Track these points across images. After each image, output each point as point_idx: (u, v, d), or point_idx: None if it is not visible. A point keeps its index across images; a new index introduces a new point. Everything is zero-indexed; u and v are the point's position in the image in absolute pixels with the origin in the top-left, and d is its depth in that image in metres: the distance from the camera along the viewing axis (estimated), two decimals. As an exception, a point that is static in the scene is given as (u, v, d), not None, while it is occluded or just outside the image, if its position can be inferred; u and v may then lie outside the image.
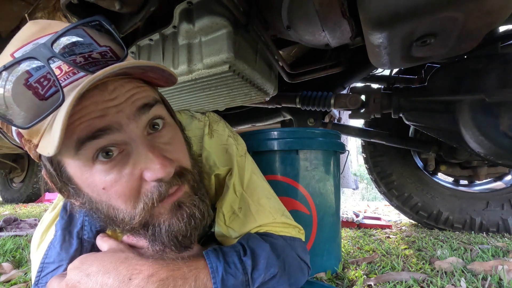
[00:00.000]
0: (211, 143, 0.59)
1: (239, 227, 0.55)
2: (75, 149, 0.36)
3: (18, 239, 1.45)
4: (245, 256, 0.46)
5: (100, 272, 0.40)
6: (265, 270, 0.46)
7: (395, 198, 1.66)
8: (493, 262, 0.87)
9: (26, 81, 0.33)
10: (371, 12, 0.66)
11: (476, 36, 0.76)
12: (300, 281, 0.54)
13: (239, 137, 0.64)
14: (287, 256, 0.52)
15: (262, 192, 0.60)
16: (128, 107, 0.37)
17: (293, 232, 0.59)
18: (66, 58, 0.34)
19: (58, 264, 0.47)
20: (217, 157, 0.58)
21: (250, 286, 0.45)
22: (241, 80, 0.93)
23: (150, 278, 0.40)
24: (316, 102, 1.35)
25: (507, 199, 1.46)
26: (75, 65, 0.34)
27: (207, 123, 0.60)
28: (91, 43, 0.36)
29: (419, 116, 1.24)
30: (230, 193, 0.56)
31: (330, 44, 0.95)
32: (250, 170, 0.61)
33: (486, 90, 1.02)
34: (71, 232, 0.49)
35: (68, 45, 0.35)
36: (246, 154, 0.62)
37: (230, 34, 0.82)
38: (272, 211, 0.58)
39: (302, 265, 0.56)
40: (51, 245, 0.49)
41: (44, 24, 0.38)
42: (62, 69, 0.35)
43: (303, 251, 0.57)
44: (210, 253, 0.46)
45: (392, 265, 0.96)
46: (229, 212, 0.56)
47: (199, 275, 0.43)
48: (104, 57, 0.37)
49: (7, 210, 2.96)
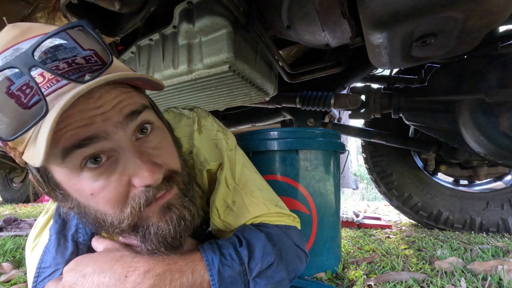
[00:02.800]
0: (201, 139, 0.59)
1: (233, 220, 0.55)
2: (62, 158, 0.35)
3: (18, 239, 1.45)
4: (240, 247, 0.47)
5: (95, 272, 0.40)
6: (262, 259, 0.46)
7: (395, 198, 1.66)
8: (493, 262, 0.87)
9: (8, 89, 0.32)
10: (371, 12, 0.66)
11: (476, 36, 0.76)
12: (298, 268, 0.55)
13: (228, 131, 0.64)
14: (283, 244, 0.52)
15: (254, 184, 0.60)
16: (115, 115, 0.36)
17: (287, 220, 0.59)
18: (48, 64, 0.33)
19: (55, 268, 0.47)
20: (207, 153, 0.58)
21: (248, 276, 0.45)
22: (241, 80, 0.93)
23: (147, 274, 0.40)
24: (316, 102, 1.35)
25: (507, 199, 1.46)
26: (57, 73, 0.33)
27: (196, 119, 0.60)
28: (74, 47, 0.35)
29: (419, 116, 1.24)
30: (222, 187, 0.56)
31: (330, 44, 0.95)
32: (241, 163, 0.61)
33: (486, 90, 1.02)
34: (65, 236, 0.49)
35: (51, 49, 0.34)
36: (236, 148, 0.62)
37: (230, 34, 0.82)
38: (266, 202, 0.58)
39: (299, 252, 0.56)
40: (46, 250, 0.49)
41: (24, 28, 0.37)
42: (45, 76, 0.34)
43: (299, 238, 0.58)
44: (205, 247, 0.46)
45: (392, 265, 0.96)
46: (223, 206, 0.56)
47: (196, 267, 0.43)
48: (88, 62, 0.36)
49: (7, 210, 2.96)
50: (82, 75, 0.35)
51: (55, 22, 0.94)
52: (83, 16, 0.77)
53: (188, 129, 0.59)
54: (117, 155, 0.38)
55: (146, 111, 0.40)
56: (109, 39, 0.98)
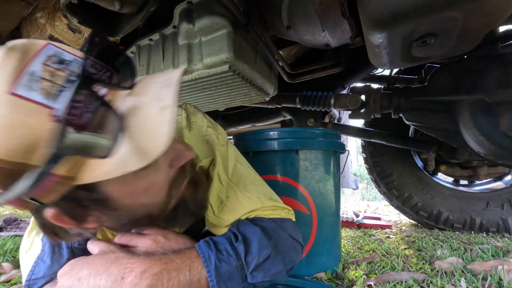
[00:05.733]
0: (191, 136, 0.58)
1: (228, 215, 0.55)
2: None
3: (18, 239, 1.45)
4: (236, 242, 0.47)
5: (91, 275, 0.40)
6: (258, 252, 0.47)
7: (395, 198, 1.66)
8: (493, 262, 0.87)
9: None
10: (371, 12, 0.66)
11: (476, 36, 0.76)
12: (295, 259, 0.55)
13: (219, 127, 0.63)
14: (279, 237, 0.52)
15: (247, 179, 0.60)
16: None
17: (282, 213, 0.59)
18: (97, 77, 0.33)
19: (49, 278, 0.47)
20: (198, 149, 0.58)
21: (245, 270, 0.45)
22: (241, 80, 0.93)
23: (143, 274, 0.39)
24: (316, 102, 1.35)
25: (507, 199, 1.46)
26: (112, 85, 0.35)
27: (185, 116, 0.59)
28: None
29: (419, 116, 1.23)
30: (215, 183, 0.56)
31: (330, 44, 0.95)
32: (234, 159, 0.60)
33: (486, 90, 1.02)
34: (59, 244, 0.49)
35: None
36: (228, 143, 0.62)
37: (230, 34, 0.82)
38: (260, 196, 0.58)
39: (295, 244, 0.56)
40: (38, 261, 0.48)
41: (21, 47, 0.32)
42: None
43: (294, 230, 0.58)
44: (201, 244, 0.46)
45: (392, 265, 0.96)
46: (217, 202, 0.56)
47: (193, 264, 0.43)
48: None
49: (7, 210, 2.96)
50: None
51: (55, 22, 0.94)
52: (83, 16, 0.77)
53: (177, 126, 0.58)
54: None
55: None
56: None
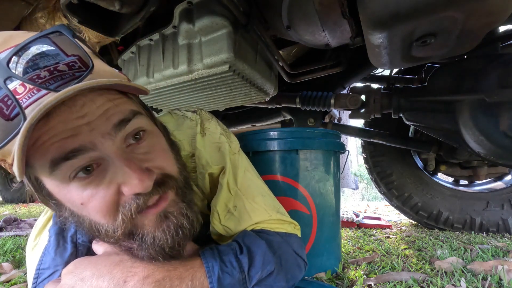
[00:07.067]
0: (204, 142, 0.58)
1: (234, 225, 0.55)
2: (50, 169, 0.34)
3: (18, 239, 1.45)
4: (241, 254, 0.47)
5: (94, 276, 0.40)
6: (262, 267, 0.46)
7: (395, 198, 1.66)
8: (493, 262, 0.87)
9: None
10: (371, 12, 0.66)
11: (476, 36, 0.76)
12: (297, 276, 0.55)
13: (232, 135, 0.63)
14: (284, 253, 0.52)
15: (256, 190, 0.60)
16: (102, 124, 0.35)
17: (288, 228, 0.59)
18: (28, 74, 0.32)
19: (54, 270, 0.47)
20: (210, 156, 0.57)
21: (247, 284, 0.45)
22: (241, 80, 0.93)
23: (146, 279, 0.39)
24: (316, 102, 1.35)
25: (507, 199, 1.46)
26: (35, 83, 0.32)
27: (199, 122, 0.59)
28: (57, 53, 0.34)
29: (419, 116, 1.23)
30: (224, 192, 0.56)
31: (330, 44, 0.95)
32: (244, 168, 0.60)
33: (486, 90, 1.02)
34: (65, 237, 0.49)
35: (33, 58, 0.32)
36: (239, 152, 0.61)
37: (230, 34, 0.82)
38: (267, 208, 0.57)
39: (299, 261, 0.56)
40: (45, 251, 0.49)
41: (6, 37, 0.35)
42: (26, 86, 0.32)
43: (299, 246, 0.58)
44: (206, 253, 0.46)
45: (392, 265, 0.96)
46: (224, 211, 0.55)
47: (195, 274, 0.43)
48: (71, 68, 0.34)
49: (7, 210, 2.96)
50: (64, 83, 0.33)
51: (55, 22, 0.94)
52: (83, 16, 0.77)
53: (190, 131, 0.58)
54: (106, 164, 0.37)
55: (136, 117, 0.39)
56: (109, 39, 0.99)
